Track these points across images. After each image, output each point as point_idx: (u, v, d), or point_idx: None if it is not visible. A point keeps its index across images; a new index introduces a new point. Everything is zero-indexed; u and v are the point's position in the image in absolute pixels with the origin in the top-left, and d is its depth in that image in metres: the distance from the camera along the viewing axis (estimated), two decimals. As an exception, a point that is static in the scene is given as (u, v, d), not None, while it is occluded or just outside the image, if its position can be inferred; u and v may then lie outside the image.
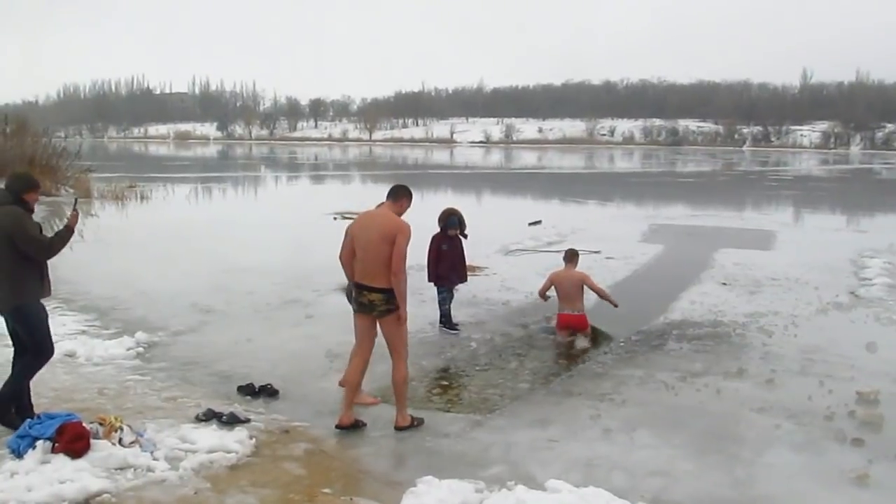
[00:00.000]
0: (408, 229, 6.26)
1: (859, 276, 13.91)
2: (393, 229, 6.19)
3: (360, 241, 6.33)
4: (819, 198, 37.56)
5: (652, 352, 9.06)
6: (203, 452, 5.60)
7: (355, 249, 6.38)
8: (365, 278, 6.32)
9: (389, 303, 6.30)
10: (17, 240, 5.76)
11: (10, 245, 5.76)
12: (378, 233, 6.21)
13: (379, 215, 6.41)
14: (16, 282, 5.88)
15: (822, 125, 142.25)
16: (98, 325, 9.80)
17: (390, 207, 6.45)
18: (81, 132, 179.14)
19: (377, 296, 6.29)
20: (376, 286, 6.27)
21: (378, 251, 6.20)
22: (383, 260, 6.19)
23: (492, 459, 5.89)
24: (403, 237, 6.19)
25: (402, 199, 6.51)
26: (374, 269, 6.26)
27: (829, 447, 6.27)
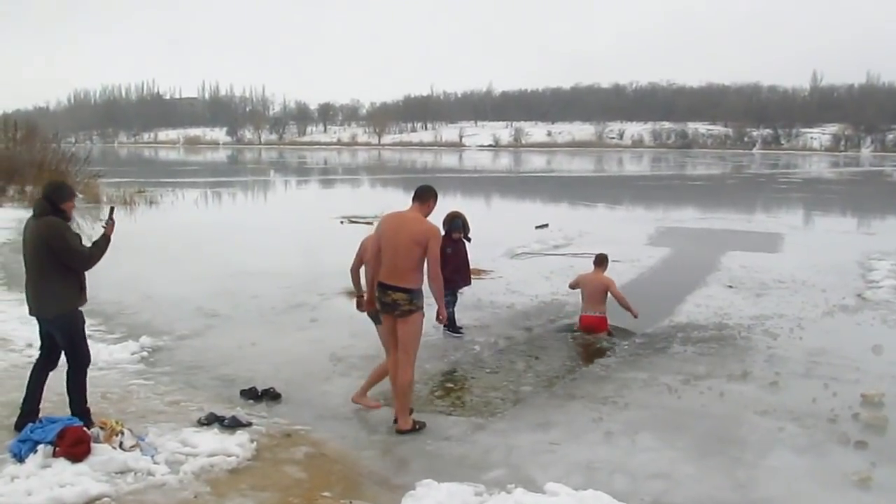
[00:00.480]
0: (439, 233, 6.46)
1: (867, 279, 13.85)
2: (426, 233, 6.29)
3: (389, 241, 6.36)
4: (828, 200, 37.39)
5: (656, 355, 9.04)
6: (204, 456, 5.61)
7: (381, 248, 6.41)
8: (391, 278, 6.36)
9: (412, 303, 6.36)
10: (58, 251, 5.83)
11: (50, 255, 5.83)
12: (409, 236, 6.27)
13: (410, 219, 6.43)
14: (56, 291, 5.94)
15: (833, 127, 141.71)
16: (103, 330, 9.83)
17: (419, 209, 6.50)
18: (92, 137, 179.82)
19: (401, 295, 6.34)
20: (401, 286, 6.32)
21: (409, 253, 6.28)
22: (412, 262, 6.29)
23: (493, 462, 5.88)
24: (436, 241, 6.32)
25: (429, 199, 6.55)
26: (402, 270, 6.32)
27: (833, 450, 6.24)
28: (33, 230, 5.89)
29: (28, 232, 5.97)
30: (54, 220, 5.88)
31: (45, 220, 5.86)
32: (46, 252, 5.83)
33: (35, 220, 5.91)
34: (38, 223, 5.87)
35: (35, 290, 6.00)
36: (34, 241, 5.88)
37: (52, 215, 5.90)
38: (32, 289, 6.02)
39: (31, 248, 5.90)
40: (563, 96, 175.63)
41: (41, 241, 5.83)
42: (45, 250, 5.83)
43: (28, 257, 5.98)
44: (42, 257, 5.86)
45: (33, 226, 5.91)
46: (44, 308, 6.01)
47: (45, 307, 6.00)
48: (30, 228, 5.95)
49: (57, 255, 5.83)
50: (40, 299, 5.99)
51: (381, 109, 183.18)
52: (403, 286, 6.32)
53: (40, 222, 5.86)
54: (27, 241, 5.97)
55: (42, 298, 5.98)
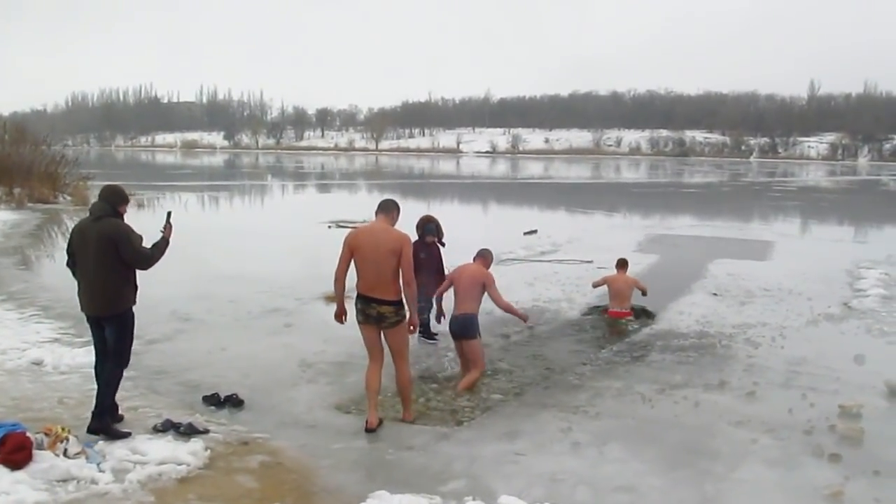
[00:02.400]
0: (410, 239, 6.61)
1: (854, 288, 13.68)
2: (399, 241, 6.47)
3: (366, 255, 6.50)
4: (821, 209, 37.28)
5: (633, 363, 8.87)
6: (153, 464, 5.44)
7: (358, 263, 6.54)
8: (374, 291, 6.51)
9: (398, 314, 6.56)
10: (124, 251, 6.07)
11: (115, 254, 6.06)
12: (385, 247, 6.43)
13: (381, 230, 6.59)
14: (116, 289, 6.19)
15: (830, 136, 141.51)
16: (72, 334, 9.63)
17: (385, 220, 6.68)
18: (89, 140, 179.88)
19: (388, 308, 6.52)
20: (387, 299, 6.49)
21: (387, 264, 6.43)
22: (392, 272, 6.45)
23: (454, 473, 5.70)
24: (409, 247, 6.50)
25: (393, 210, 6.76)
26: (384, 282, 6.48)
27: (806, 462, 6.08)
28: (98, 232, 6.08)
29: (88, 234, 6.14)
30: (119, 222, 6.17)
31: (110, 222, 6.12)
32: (112, 252, 6.06)
33: (96, 222, 6.12)
34: (101, 225, 6.09)
35: (96, 290, 6.18)
36: (99, 242, 6.06)
37: (110, 217, 6.15)
38: (92, 288, 6.19)
39: (95, 248, 6.06)
40: (561, 103, 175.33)
41: (108, 242, 6.04)
42: (111, 251, 6.05)
43: (89, 258, 6.12)
44: (107, 258, 6.07)
45: (97, 228, 6.09)
46: (104, 306, 6.21)
47: (106, 305, 6.20)
48: (91, 230, 6.13)
49: (122, 255, 6.07)
50: (101, 298, 6.19)
51: (379, 115, 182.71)
52: (389, 299, 6.49)
53: (104, 224, 6.09)
54: (87, 242, 6.13)
55: (104, 297, 6.18)
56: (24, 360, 8.30)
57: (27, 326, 9.92)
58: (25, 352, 8.58)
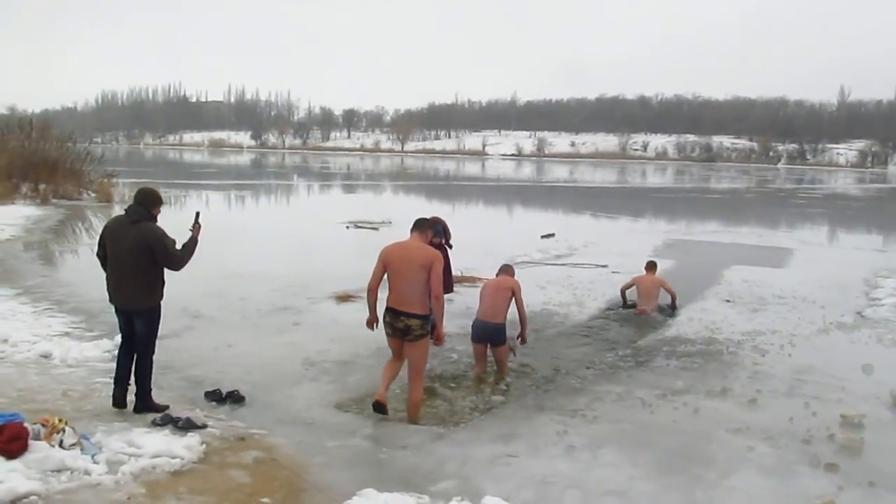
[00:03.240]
0: (440, 256, 6.92)
1: (870, 296, 13.55)
2: (429, 257, 6.78)
3: (397, 270, 6.83)
4: (845, 216, 36.92)
5: (636, 368, 8.84)
6: (147, 457, 5.49)
7: (390, 277, 6.88)
8: (403, 305, 6.79)
9: (423, 328, 6.80)
10: (159, 255, 6.51)
11: (149, 255, 6.48)
12: (416, 262, 6.74)
13: (413, 247, 6.93)
14: (150, 286, 6.64)
15: (860, 143, 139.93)
16: (83, 328, 9.77)
17: (419, 238, 7.06)
18: (118, 138, 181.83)
19: (415, 321, 6.77)
20: (414, 312, 6.76)
21: (417, 279, 6.72)
22: (421, 287, 6.72)
23: (445, 474, 5.72)
24: (439, 264, 6.79)
25: (427, 230, 7.18)
26: (411, 296, 6.76)
27: (801, 471, 6.04)
28: (136, 235, 6.48)
29: (124, 234, 6.54)
30: (153, 225, 6.60)
31: (146, 226, 6.53)
32: (147, 255, 6.48)
33: (132, 224, 6.53)
34: (138, 229, 6.50)
35: (128, 286, 6.59)
36: (134, 242, 6.47)
37: (146, 220, 6.56)
38: (125, 284, 6.60)
39: (130, 248, 6.48)
40: (588, 107, 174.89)
41: (143, 244, 6.47)
42: (145, 252, 6.48)
43: (123, 257, 6.53)
44: (141, 259, 6.49)
45: (134, 230, 6.50)
46: (136, 301, 6.66)
47: (138, 301, 6.65)
48: (125, 231, 6.53)
49: (157, 258, 6.51)
50: (134, 294, 6.62)
51: (405, 116, 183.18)
52: (416, 312, 6.76)
53: (141, 228, 6.50)
54: (122, 241, 6.53)
55: (136, 293, 6.61)
56: (33, 353, 8.43)
57: (40, 320, 10.07)
58: (35, 345, 8.71)
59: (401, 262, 6.84)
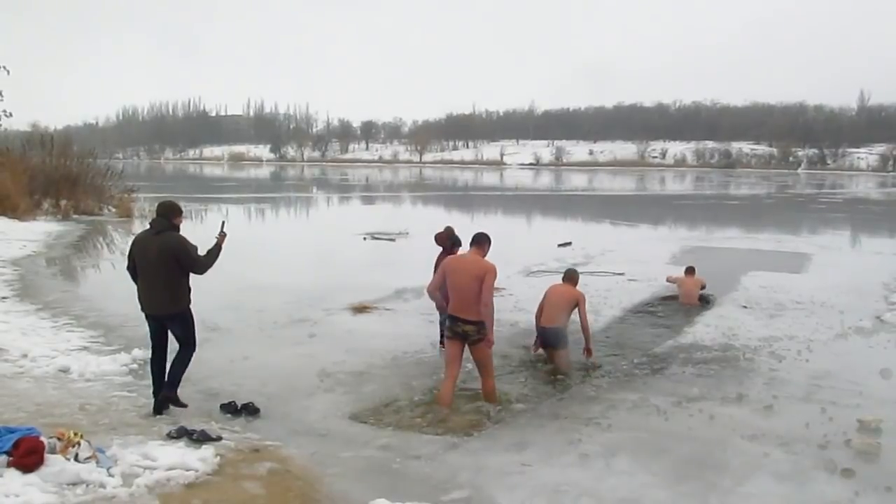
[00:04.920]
0: (495, 269, 7.41)
1: (889, 301, 13.43)
2: (483, 270, 7.35)
3: (455, 280, 7.48)
4: (865, 221, 36.59)
5: (652, 375, 8.81)
6: (162, 470, 5.53)
7: (449, 287, 7.53)
8: (460, 312, 7.45)
9: (479, 332, 7.41)
10: (184, 261, 6.94)
11: (175, 263, 6.91)
12: (471, 274, 7.36)
13: (470, 260, 7.56)
14: (178, 292, 7.07)
15: (881, 147, 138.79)
16: (101, 342, 9.86)
17: (476, 252, 7.64)
18: (139, 153, 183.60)
19: (470, 327, 7.41)
20: (470, 319, 7.39)
21: (471, 289, 7.33)
22: (475, 296, 7.33)
23: (458, 483, 5.74)
24: (492, 276, 7.34)
25: (484, 244, 7.70)
26: (467, 304, 7.39)
27: (817, 477, 6.00)
28: (160, 244, 6.92)
29: (150, 246, 6.97)
30: (177, 235, 7.04)
31: (171, 235, 6.99)
32: (173, 262, 6.91)
33: (156, 235, 6.97)
34: (162, 238, 6.94)
35: (159, 294, 7.02)
36: (160, 251, 6.90)
37: (169, 230, 6.99)
38: (155, 292, 7.03)
39: (156, 257, 6.91)
40: (606, 115, 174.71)
41: (169, 253, 6.90)
42: (172, 260, 6.90)
43: (151, 266, 6.96)
44: (167, 267, 6.92)
45: (158, 240, 6.94)
46: (167, 307, 7.08)
47: (169, 306, 7.08)
48: (151, 242, 6.98)
49: (182, 264, 6.94)
50: (164, 300, 7.05)
51: (423, 128, 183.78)
52: (471, 319, 7.38)
53: (165, 237, 6.95)
54: (149, 253, 6.96)
55: (166, 300, 7.04)
56: (52, 368, 8.53)
57: (59, 335, 10.16)
58: (54, 359, 8.81)
59: (458, 273, 7.49)
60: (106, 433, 6.35)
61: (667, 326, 11.57)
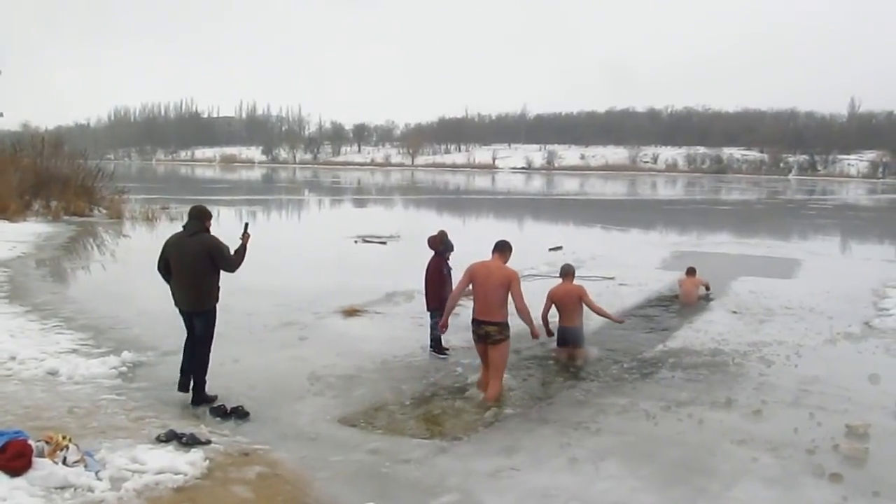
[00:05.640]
0: (518, 275, 7.98)
1: (878, 307, 13.51)
2: (508, 277, 7.88)
3: (479, 285, 7.96)
4: (855, 227, 36.76)
5: (641, 380, 8.83)
6: (151, 473, 5.52)
7: (474, 291, 8.03)
8: (483, 315, 7.97)
9: (501, 333, 7.94)
10: (218, 260, 7.55)
11: (209, 262, 7.50)
12: (496, 280, 7.85)
13: (495, 267, 8.02)
14: (209, 289, 7.68)
15: (871, 154, 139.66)
16: (91, 344, 9.82)
17: (500, 258, 8.10)
18: (130, 155, 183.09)
19: (493, 328, 7.93)
20: (493, 321, 7.91)
21: (495, 294, 7.85)
22: (500, 300, 7.88)
23: (447, 487, 5.74)
24: (517, 282, 7.87)
25: (506, 251, 8.17)
26: (491, 308, 7.90)
27: (805, 482, 6.02)
28: (196, 244, 7.51)
29: (185, 247, 7.54)
30: (211, 236, 7.65)
31: (204, 236, 7.59)
32: (208, 261, 7.51)
33: (191, 237, 7.55)
34: (196, 239, 7.53)
35: (192, 290, 7.61)
36: (196, 251, 7.48)
37: (202, 231, 7.58)
38: (189, 289, 7.61)
39: (192, 257, 7.48)
40: (598, 120, 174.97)
41: (203, 251, 7.49)
42: (206, 259, 7.49)
43: (186, 265, 7.52)
44: (202, 265, 7.51)
45: (194, 241, 7.53)
46: (200, 303, 7.69)
47: (202, 302, 7.68)
48: (186, 243, 7.55)
49: (214, 262, 7.53)
50: (198, 296, 7.65)
51: (416, 131, 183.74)
52: (494, 321, 7.90)
53: (201, 238, 7.55)
54: (184, 253, 7.52)
55: (199, 296, 7.64)
56: (41, 370, 8.49)
57: (48, 337, 10.12)
58: (43, 362, 8.77)
59: (484, 278, 7.94)
60: (94, 437, 6.33)
61: (657, 331, 11.63)
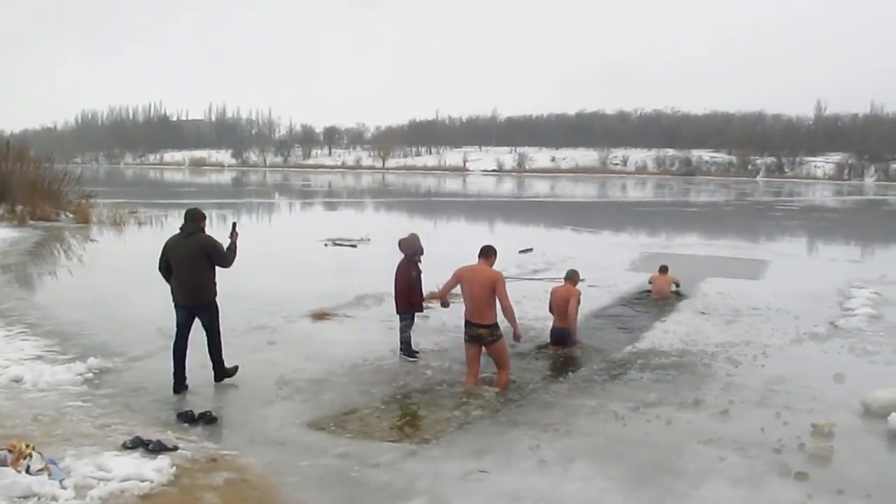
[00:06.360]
0: (502, 276, 8.35)
1: (843, 307, 13.70)
2: (493, 278, 8.22)
3: (467, 288, 8.30)
4: (821, 228, 37.23)
5: (610, 381, 8.88)
6: (116, 481, 5.46)
7: (463, 294, 8.39)
8: (473, 317, 8.31)
9: (493, 335, 8.30)
10: (214, 257, 8.21)
11: (205, 258, 8.15)
12: (482, 282, 8.18)
13: (480, 270, 8.35)
14: (208, 285, 8.32)
15: (837, 156, 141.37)
16: (56, 351, 9.69)
17: (486, 262, 8.43)
18: (98, 158, 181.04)
19: (484, 330, 8.28)
20: (483, 323, 8.26)
21: (482, 296, 8.18)
22: (486, 301, 8.20)
23: (416, 491, 5.73)
24: (501, 283, 8.22)
25: (490, 255, 8.52)
26: (481, 310, 8.23)
27: (771, 481, 6.07)
28: (193, 243, 8.17)
29: (183, 246, 8.19)
30: (206, 235, 8.33)
31: (200, 235, 8.27)
32: (205, 258, 8.16)
33: (189, 237, 8.22)
34: (193, 238, 8.21)
35: (192, 286, 8.23)
36: (193, 249, 8.14)
37: (198, 231, 8.24)
38: (189, 285, 8.22)
39: (191, 257, 8.13)
40: (568, 122, 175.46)
41: (200, 250, 8.15)
42: (203, 257, 8.16)
43: (185, 263, 8.16)
44: (201, 262, 8.16)
45: (191, 240, 8.19)
46: (201, 297, 8.31)
47: (202, 296, 8.32)
48: (184, 243, 8.20)
49: (212, 259, 8.19)
50: (198, 291, 8.28)
51: (386, 133, 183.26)
52: (485, 323, 8.25)
53: (198, 238, 8.23)
54: (183, 252, 8.16)
55: (199, 291, 8.28)
56: (4, 378, 8.37)
57: (12, 343, 9.97)
58: (7, 369, 8.64)
59: (470, 281, 8.27)
60: (59, 444, 6.25)
61: (626, 332, 11.70)
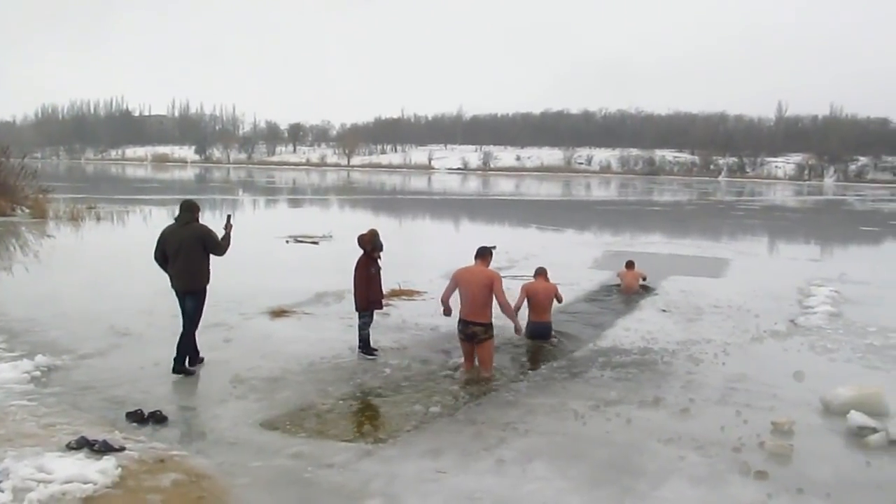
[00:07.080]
0: (499, 276, 8.70)
1: (803, 305, 13.76)
2: (489, 278, 8.57)
3: (464, 288, 8.63)
4: (782, 227, 37.59)
5: (571, 380, 8.79)
6: (57, 483, 5.27)
7: (460, 294, 8.70)
8: (469, 315, 8.63)
9: (486, 333, 8.63)
10: (209, 245, 8.56)
11: (200, 246, 8.51)
12: (479, 283, 8.51)
13: (477, 271, 8.72)
14: (202, 271, 8.69)
15: (797, 157, 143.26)
16: (3, 348, 9.39)
17: (482, 263, 8.81)
18: (59, 153, 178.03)
19: (479, 328, 8.62)
20: (478, 321, 8.59)
21: (479, 295, 8.51)
22: (483, 301, 8.53)
23: (370, 492, 5.59)
24: (498, 282, 8.56)
25: (487, 256, 8.92)
26: (476, 309, 8.57)
27: (731, 480, 6.02)
28: (190, 232, 8.53)
29: (180, 236, 8.52)
30: (202, 225, 8.72)
31: (198, 226, 8.65)
32: (201, 246, 8.52)
33: (184, 227, 8.57)
34: (190, 228, 8.57)
35: (188, 273, 8.56)
36: (191, 240, 8.49)
37: (193, 222, 8.60)
38: (185, 272, 8.57)
39: (187, 245, 8.47)
40: (533, 122, 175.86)
41: (196, 238, 8.51)
42: (199, 245, 8.51)
43: (181, 251, 8.47)
44: (196, 250, 8.51)
45: (187, 230, 8.55)
46: (195, 283, 8.66)
47: (197, 282, 8.67)
48: (180, 232, 8.54)
49: (207, 247, 8.55)
50: (190, 278, 8.60)
51: (352, 131, 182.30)
52: (480, 321, 8.58)
53: (193, 227, 8.60)
54: (179, 241, 8.49)
55: (194, 277, 8.62)
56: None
57: (-43, 342, 9.66)
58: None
59: (467, 282, 8.61)
60: (0, 445, 6.02)
61: (590, 328, 11.64)
